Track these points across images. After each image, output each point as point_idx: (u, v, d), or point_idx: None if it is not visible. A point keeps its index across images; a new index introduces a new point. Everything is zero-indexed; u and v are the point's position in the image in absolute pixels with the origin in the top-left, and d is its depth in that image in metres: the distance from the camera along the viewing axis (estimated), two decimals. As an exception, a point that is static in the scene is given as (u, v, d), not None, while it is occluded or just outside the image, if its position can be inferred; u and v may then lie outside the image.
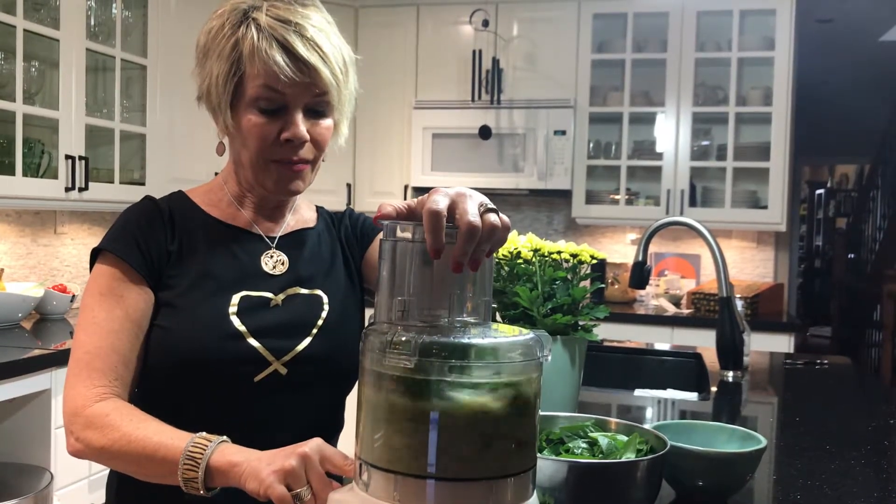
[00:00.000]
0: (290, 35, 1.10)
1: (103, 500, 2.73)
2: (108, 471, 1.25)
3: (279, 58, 1.09)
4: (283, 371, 1.15)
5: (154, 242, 1.17)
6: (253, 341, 1.14)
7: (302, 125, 1.14)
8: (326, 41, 1.13)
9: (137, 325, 1.14)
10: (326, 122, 1.18)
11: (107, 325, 1.11)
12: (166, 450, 0.99)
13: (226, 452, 0.97)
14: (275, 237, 1.26)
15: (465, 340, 0.76)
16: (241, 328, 1.14)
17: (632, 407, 2.00)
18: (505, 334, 0.80)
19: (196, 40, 1.19)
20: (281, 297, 1.20)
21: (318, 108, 1.16)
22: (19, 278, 3.15)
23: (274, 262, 1.23)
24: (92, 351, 1.10)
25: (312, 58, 1.11)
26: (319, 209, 1.37)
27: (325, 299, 1.23)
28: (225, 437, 1.00)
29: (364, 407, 0.80)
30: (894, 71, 6.45)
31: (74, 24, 2.92)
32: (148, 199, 1.23)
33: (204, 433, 1.00)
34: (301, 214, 1.32)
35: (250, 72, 1.11)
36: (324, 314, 1.21)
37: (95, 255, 1.18)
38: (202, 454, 0.97)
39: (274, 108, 1.13)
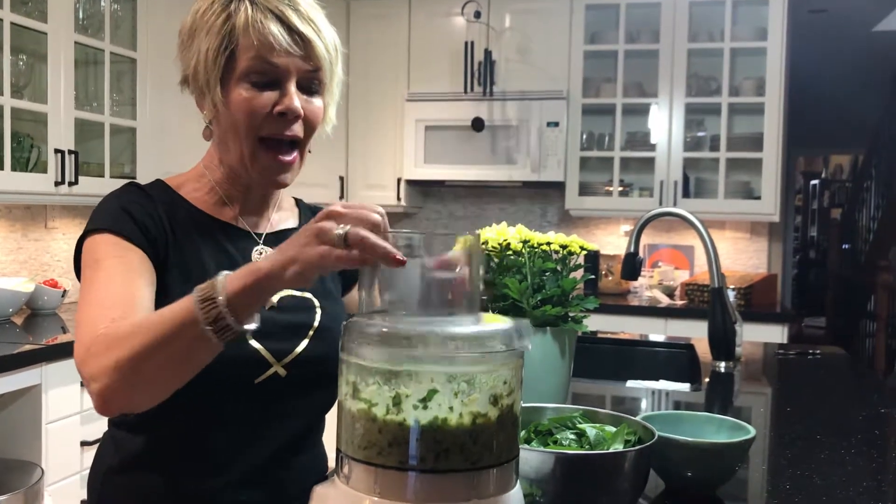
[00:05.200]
0: (285, 7, 1.09)
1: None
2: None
3: (274, 28, 1.08)
4: (283, 373, 1.12)
5: (151, 222, 1.11)
6: (255, 343, 1.10)
7: (296, 98, 1.10)
8: (319, 16, 1.13)
9: (148, 280, 1.05)
10: (318, 102, 1.15)
11: (115, 279, 1.03)
12: (179, 309, 0.89)
13: (235, 274, 0.88)
14: (261, 234, 1.22)
15: (443, 330, 0.75)
16: None
17: (625, 398, 1.99)
18: (484, 323, 0.80)
19: (181, 23, 1.16)
20: (275, 298, 1.16)
21: (311, 85, 1.13)
22: (10, 273, 3.14)
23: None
24: (102, 301, 1.00)
25: (307, 30, 1.10)
26: (299, 203, 1.34)
27: (316, 302, 1.21)
28: (227, 272, 0.90)
29: (344, 400, 0.79)
30: (887, 61, 6.45)
31: (62, 17, 2.90)
32: (134, 184, 1.18)
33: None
34: (284, 212, 1.29)
35: (244, 44, 1.08)
36: (317, 317, 1.19)
37: (82, 242, 1.10)
38: (212, 287, 0.87)
39: (266, 80, 1.09)
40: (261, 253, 1.19)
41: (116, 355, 0.90)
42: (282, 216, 1.27)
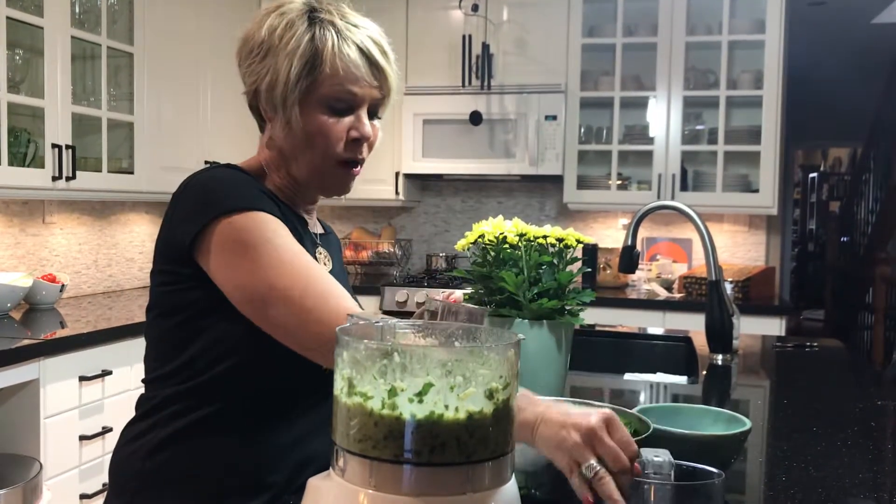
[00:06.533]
0: (365, 38, 1.18)
1: (95, 490, 2.72)
2: (99, 459, 1.24)
3: (359, 61, 1.16)
4: None
5: (279, 209, 1.17)
6: None
7: (368, 125, 1.19)
8: (387, 45, 1.22)
9: None
10: (378, 123, 1.24)
11: (309, 259, 1.11)
12: None
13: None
14: (316, 234, 1.31)
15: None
16: None
17: (623, 391, 2.00)
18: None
19: (245, 35, 1.21)
20: None
21: (376, 109, 1.22)
22: (8, 268, 3.14)
23: (323, 258, 1.29)
24: (326, 280, 1.08)
25: (384, 63, 1.19)
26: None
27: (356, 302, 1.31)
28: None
29: (339, 394, 0.79)
30: (886, 53, 6.44)
31: (58, 11, 2.89)
32: (236, 167, 1.23)
33: None
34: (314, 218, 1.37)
35: (328, 71, 1.15)
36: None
37: (210, 219, 1.10)
38: None
39: (344, 107, 1.18)
40: (320, 253, 1.28)
41: None
42: (314, 220, 1.36)
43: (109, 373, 2.66)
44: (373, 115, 1.22)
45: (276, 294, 1.06)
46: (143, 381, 1.25)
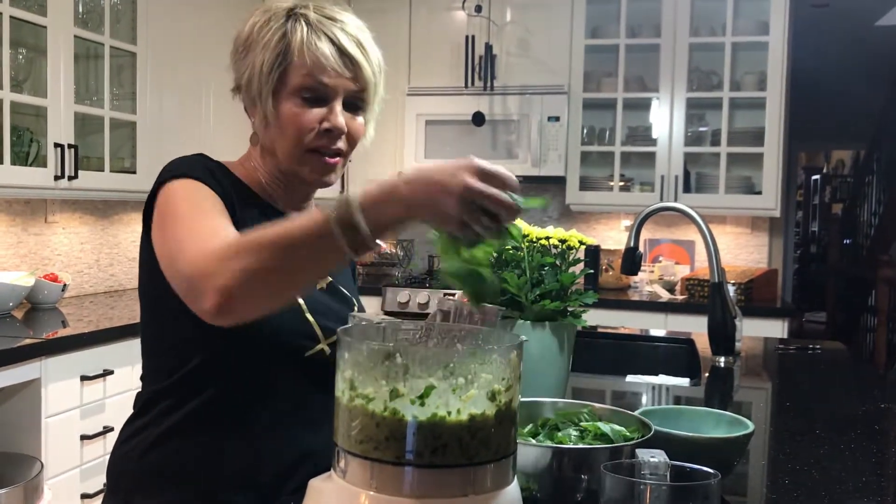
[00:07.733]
0: (337, 31, 1.19)
1: (96, 490, 2.72)
2: (100, 459, 1.24)
3: (327, 51, 1.17)
4: (328, 351, 1.19)
5: (223, 191, 1.16)
6: (310, 317, 1.18)
7: (342, 116, 1.20)
8: (367, 39, 1.23)
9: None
10: (361, 119, 1.24)
11: (217, 215, 1.09)
12: (310, 221, 0.92)
13: (371, 191, 0.89)
14: None
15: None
16: (301, 302, 1.18)
17: (625, 393, 1.99)
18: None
19: (237, 33, 1.24)
20: (323, 282, 1.27)
21: (356, 103, 1.23)
22: (10, 267, 3.14)
23: None
24: (214, 225, 1.05)
25: (357, 54, 1.20)
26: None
27: (349, 295, 1.32)
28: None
29: (342, 395, 0.79)
30: (890, 55, 6.43)
31: (62, 10, 2.89)
32: (205, 155, 1.24)
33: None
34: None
35: (298, 62, 1.17)
36: (355, 306, 1.31)
37: (159, 187, 1.15)
38: (348, 196, 0.89)
39: (315, 97, 1.19)
40: None
41: (245, 263, 0.92)
42: None
43: (111, 372, 2.65)
44: (355, 108, 1.22)
45: (172, 245, 1.05)
46: (140, 378, 1.25)
